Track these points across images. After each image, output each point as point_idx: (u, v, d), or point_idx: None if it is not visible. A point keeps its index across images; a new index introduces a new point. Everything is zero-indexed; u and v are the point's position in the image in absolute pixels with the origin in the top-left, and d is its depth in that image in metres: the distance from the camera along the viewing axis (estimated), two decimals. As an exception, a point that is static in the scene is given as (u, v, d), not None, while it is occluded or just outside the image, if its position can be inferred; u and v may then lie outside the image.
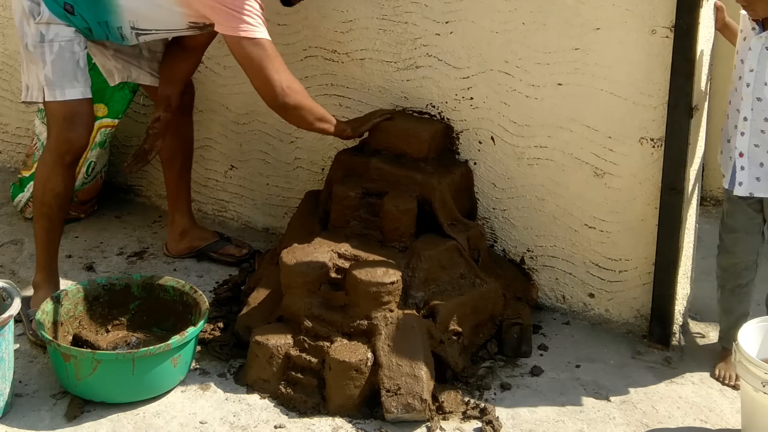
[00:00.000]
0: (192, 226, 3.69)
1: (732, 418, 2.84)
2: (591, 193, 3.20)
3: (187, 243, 3.67)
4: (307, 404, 2.85)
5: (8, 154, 4.47)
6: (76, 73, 3.08)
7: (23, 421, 2.77)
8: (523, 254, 3.39)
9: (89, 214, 4.02)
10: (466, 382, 2.95)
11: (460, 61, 3.29)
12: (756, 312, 3.24)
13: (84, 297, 3.11)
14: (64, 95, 3.07)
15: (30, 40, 3.07)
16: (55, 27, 3.05)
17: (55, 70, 3.05)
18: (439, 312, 2.96)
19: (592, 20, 3.04)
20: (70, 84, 3.07)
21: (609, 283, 3.25)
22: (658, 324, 3.14)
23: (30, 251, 3.71)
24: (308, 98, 3.12)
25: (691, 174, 3.08)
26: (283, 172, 3.79)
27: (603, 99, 3.09)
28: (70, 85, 3.07)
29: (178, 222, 3.66)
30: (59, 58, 3.05)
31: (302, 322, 2.92)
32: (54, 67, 3.05)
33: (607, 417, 2.84)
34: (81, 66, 3.09)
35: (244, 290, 3.37)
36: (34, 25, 3.05)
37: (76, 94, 3.08)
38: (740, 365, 2.63)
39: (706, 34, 2.97)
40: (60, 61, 3.05)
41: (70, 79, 3.07)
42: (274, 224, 3.88)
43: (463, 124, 3.36)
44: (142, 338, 3.09)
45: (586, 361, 3.10)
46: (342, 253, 3.04)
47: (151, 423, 2.78)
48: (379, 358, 2.82)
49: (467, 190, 3.37)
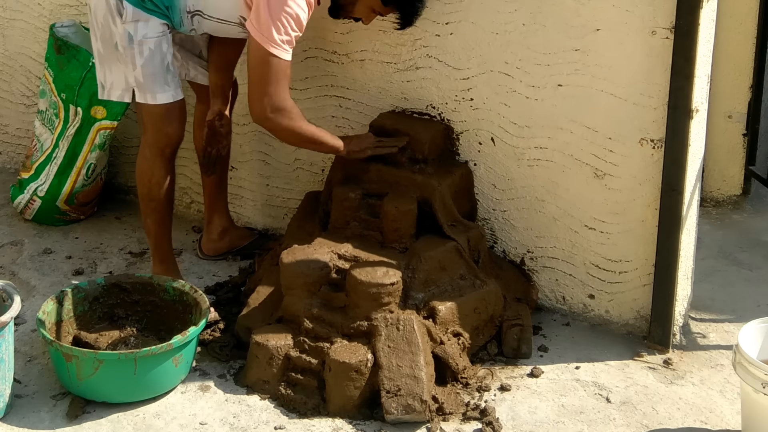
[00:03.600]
0: (231, 225, 3.72)
1: (732, 419, 2.84)
2: (591, 194, 3.20)
3: (228, 242, 3.69)
4: (307, 405, 2.85)
5: (8, 155, 4.47)
6: (167, 77, 3.11)
7: (23, 422, 2.77)
8: (523, 255, 3.39)
9: (89, 215, 4.02)
10: (466, 383, 2.95)
11: (460, 62, 3.29)
12: (757, 313, 3.25)
13: (84, 297, 3.11)
14: (155, 99, 3.11)
15: (119, 40, 3.08)
16: (142, 25, 3.05)
17: (146, 74, 3.08)
18: (439, 313, 2.96)
19: (592, 21, 3.04)
20: (161, 88, 3.10)
21: (609, 284, 3.25)
22: (659, 325, 3.14)
23: (30, 252, 3.72)
24: (295, 121, 3.05)
25: (692, 175, 3.08)
26: (283, 173, 3.79)
27: (603, 100, 3.09)
28: (162, 90, 3.10)
29: (217, 222, 3.67)
30: (149, 62, 3.07)
31: (302, 323, 2.92)
32: (144, 71, 3.07)
33: (607, 418, 2.84)
34: (171, 69, 3.12)
35: (244, 291, 3.37)
36: (121, 25, 3.05)
37: (168, 98, 3.12)
38: (740, 366, 2.63)
39: (707, 35, 2.97)
40: (150, 66, 3.07)
41: (161, 84, 3.10)
42: (274, 225, 3.88)
43: (463, 125, 3.36)
44: (141, 338, 3.09)
45: (586, 362, 3.10)
46: (342, 254, 3.04)
47: (151, 424, 2.78)
48: (379, 359, 2.82)
49: (467, 191, 3.37)
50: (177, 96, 3.15)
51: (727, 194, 4.24)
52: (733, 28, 4.02)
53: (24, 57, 4.29)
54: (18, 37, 4.28)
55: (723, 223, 4.06)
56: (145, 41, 3.06)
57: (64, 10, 4.11)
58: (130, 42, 3.06)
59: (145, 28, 3.06)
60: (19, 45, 4.29)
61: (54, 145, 3.83)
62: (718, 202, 4.21)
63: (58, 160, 3.83)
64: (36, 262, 3.65)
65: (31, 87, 4.30)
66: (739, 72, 4.10)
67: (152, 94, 3.11)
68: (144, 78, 3.09)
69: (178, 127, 3.19)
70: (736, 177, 4.23)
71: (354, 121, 3.55)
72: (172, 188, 3.26)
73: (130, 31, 3.05)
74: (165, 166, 3.20)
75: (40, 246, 3.76)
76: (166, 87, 3.12)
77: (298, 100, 3.59)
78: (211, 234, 3.69)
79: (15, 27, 4.28)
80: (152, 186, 3.21)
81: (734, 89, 4.13)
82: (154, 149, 3.18)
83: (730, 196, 4.24)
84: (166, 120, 3.15)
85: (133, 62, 3.08)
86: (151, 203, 3.24)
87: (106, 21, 3.10)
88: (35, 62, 4.25)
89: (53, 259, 3.69)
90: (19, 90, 4.36)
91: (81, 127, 3.79)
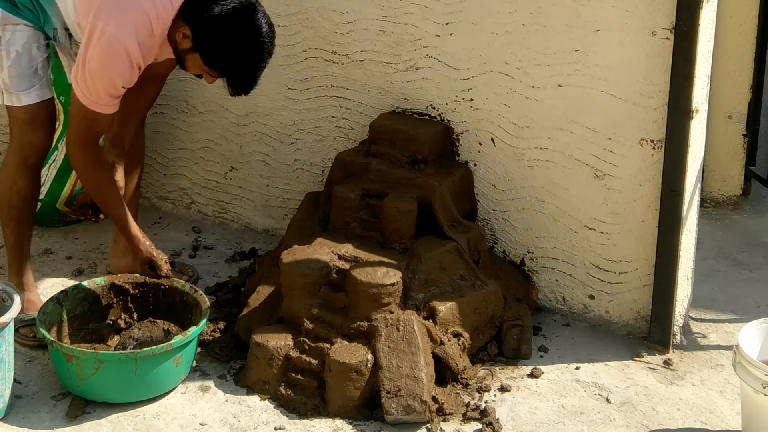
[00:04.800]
0: None
1: (732, 419, 2.84)
2: (591, 194, 3.20)
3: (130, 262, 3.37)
4: (307, 406, 2.85)
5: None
6: (33, 79, 3.04)
7: (23, 422, 2.77)
8: (523, 256, 3.39)
9: (89, 216, 4.02)
10: (466, 383, 2.95)
11: (460, 62, 3.29)
12: (757, 313, 3.25)
13: (84, 297, 3.11)
14: (20, 101, 3.04)
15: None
16: (10, 28, 3.00)
17: (12, 75, 3.02)
18: (439, 313, 2.96)
19: (592, 22, 3.04)
20: (26, 90, 3.04)
21: (609, 285, 3.25)
22: (659, 325, 3.14)
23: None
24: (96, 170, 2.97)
25: (692, 176, 3.08)
26: (283, 173, 3.79)
27: (603, 100, 3.09)
28: (26, 91, 3.04)
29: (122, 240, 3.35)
30: (15, 64, 3.01)
31: (302, 323, 2.92)
32: (10, 72, 3.02)
33: (608, 419, 2.84)
34: (39, 72, 3.05)
35: (244, 292, 3.37)
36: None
37: (32, 98, 3.05)
38: (740, 367, 2.63)
39: (707, 36, 2.97)
40: (16, 68, 3.02)
41: (26, 86, 3.03)
42: (274, 226, 3.88)
43: (463, 125, 3.36)
44: (141, 338, 3.09)
45: (586, 363, 3.10)
46: (342, 254, 3.04)
47: (151, 424, 2.78)
48: (379, 359, 2.82)
49: (467, 192, 3.37)
50: (42, 96, 3.06)
51: (727, 195, 4.24)
52: (733, 29, 4.02)
53: (24, 57, 4.29)
54: (18, 38, 4.28)
55: (723, 223, 4.06)
56: (13, 44, 3.00)
57: (64, 11, 4.11)
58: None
59: (13, 30, 3.00)
60: (19, 45, 4.28)
61: (53, 148, 3.83)
62: (718, 203, 4.21)
63: (57, 162, 3.83)
64: (36, 262, 3.64)
65: (31, 87, 4.29)
66: (739, 72, 4.10)
67: (17, 95, 3.03)
68: (10, 79, 3.02)
69: (44, 135, 3.09)
70: (736, 177, 4.23)
71: (354, 122, 3.55)
72: (35, 199, 3.17)
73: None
74: (28, 174, 3.10)
75: (40, 246, 3.75)
76: (30, 89, 3.04)
77: (297, 101, 3.62)
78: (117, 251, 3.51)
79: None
80: (12, 195, 3.11)
81: (734, 89, 4.13)
82: (17, 157, 3.09)
83: (730, 197, 4.24)
84: (30, 127, 3.06)
85: (1, 64, 3.02)
86: (11, 211, 3.14)
87: None
88: (35, 63, 4.24)
89: (53, 260, 3.69)
90: (19, 90, 4.36)
91: (80, 129, 3.78)
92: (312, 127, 3.65)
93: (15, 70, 3.02)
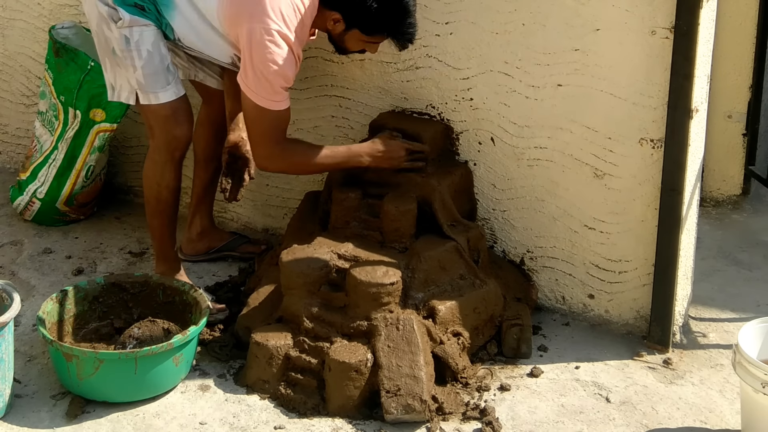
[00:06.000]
0: (212, 227, 3.71)
1: (732, 419, 2.84)
2: (591, 194, 3.20)
3: (206, 243, 3.67)
4: (306, 405, 2.85)
5: (8, 155, 4.47)
6: (167, 76, 3.11)
7: (23, 422, 2.77)
8: (522, 255, 3.39)
9: (89, 216, 4.02)
10: (466, 383, 2.95)
11: (460, 61, 3.29)
12: (757, 313, 3.25)
13: (84, 297, 3.11)
14: (158, 99, 3.11)
15: (116, 45, 3.08)
16: (137, 29, 3.06)
17: (146, 74, 3.08)
18: (438, 313, 2.96)
19: (592, 21, 3.05)
20: (162, 87, 3.10)
21: (609, 284, 3.25)
22: (658, 325, 3.14)
23: (29, 252, 3.71)
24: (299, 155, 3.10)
25: (691, 175, 3.08)
26: (283, 173, 3.79)
27: (603, 100, 3.09)
28: (163, 89, 3.10)
29: (197, 223, 3.66)
30: (149, 63, 3.08)
31: (302, 322, 2.92)
32: (144, 71, 3.08)
33: (607, 418, 2.84)
34: (171, 69, 3.13)
35: (243, 291, 3.37)
36: (117, 29, 3.06)
37: (170, 96, 3.12)
38: (740, 366, 2.63)
39: (706, 35, 2.98)
40: (150, 66, 3.08)
41: (162, 83, 3.10)
42: (274, 225, 3.88)
43: (462, 124, 3.36)
44: (141, 338, 3.09)
45: (585, 362, 3.10)
46: (342, 253, 3.04)
47: (151, 424, 2.78)
48: (378, 359, 2.82)
49: (467, 191, 3.37)
50: (179, 92, 3.15)
51: (727, 194, 4.24)
52: (732, 28, 4.02)
53: (24, 57, 4.29)
54: (18, 37, 4.28)
55: (723, 223, 4.06)
56: (143, 44, 3.06)
57: (64, 10, 4.11)
58: (127, 45, 3.06)
59: (140, 31, 3.06)
60: (18, 45, 4.29)
61: (53, 147, 3.83)
62: (718, 202, 4.21)
63: (57, 162, 3.83)
64: (36, 261, 3.65)
65: (31, 87, 4.30)
66: (739, 72, 4.10)
67: (155, 94, 3.11)
68: (145, 79, 3.09)
69: (187, 128, 3.19)
70: (735, 177, 4.23)
71: (354, 121, 3.55)
72: (179, 190, 3.27)
73: (126, 34, 3.05)
74: (174, 169, 3.20)
75: (39, 246, 3.76)
76: (167, 86, 3.12)
77: (297, 100, 3.61)
78: (192, 235, 3.67)
79: (15, 27, 4.28)
80: (161, 190, 3.21)
81: (734, 89, 4.13)
82: (163, 153, 3.18)
83: (730, 196, 4.24)
84: (173, 122, 3.14)
85: (133, 64, 3.08)
86: (159, 205, 3.24)
87: (100, 28, 3.10)
88: (35, 62, 4.25)
89: (53, 259, 3.69)
90: (18, 90, 4.36)
91: (80, 130, 3.78)
92: (312, 127, 3.65)
93: (149, 68, 3.08)
